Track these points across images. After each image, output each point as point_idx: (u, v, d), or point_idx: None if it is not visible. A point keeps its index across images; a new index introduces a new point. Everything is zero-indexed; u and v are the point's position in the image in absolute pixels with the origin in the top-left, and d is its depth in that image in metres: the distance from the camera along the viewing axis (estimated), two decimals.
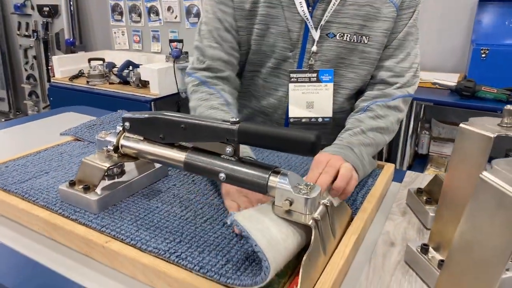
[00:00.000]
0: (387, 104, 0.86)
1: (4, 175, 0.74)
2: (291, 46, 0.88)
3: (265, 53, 0.91)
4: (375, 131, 0.82)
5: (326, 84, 0.89)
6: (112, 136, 0.66)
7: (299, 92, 0.90)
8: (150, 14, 3.22)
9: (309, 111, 0.91)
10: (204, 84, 0.88)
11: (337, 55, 0.88)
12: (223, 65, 0.90)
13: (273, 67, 0.92)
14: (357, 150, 0.75)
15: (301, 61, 0.89)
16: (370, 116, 0.84)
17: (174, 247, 0.55)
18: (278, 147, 0.52)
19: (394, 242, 0.62)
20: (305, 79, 0.89)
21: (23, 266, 0.57)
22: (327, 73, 0.88)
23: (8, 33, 4.03)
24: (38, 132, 1.12)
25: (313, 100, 0.90)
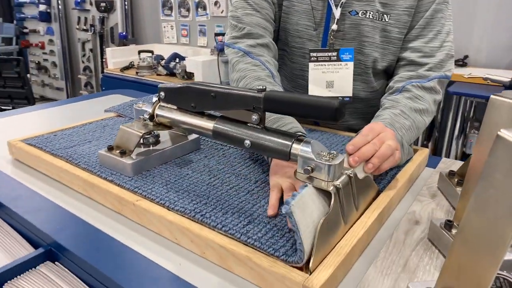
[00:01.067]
0: (422, 85, 0.82)
1: (53, 142, 0.81)
2: (315, 25, 0.88)
3: (289, 31, 0.91)
4: (416, 113, 0.79)
5: (346, 63, 0.88)
6: (148, 106, 0.70)
7: (319, 71, 0.89)
8: (198, 8, 3.32)
9: (329, 90, 0.90)
10: (248, 55, 0.85)
11: (359, 33, 0.86)
12: (262, 31, 0.88)
13: (298, 46, 0.92)
14: (398, 135, 0.71)
15: (324, 40, 0.89)
16: (407, 97, 0.81)
17: (200, 207, 0.58)
18: (303, 114, 0.53)
19: (419, 221, 0.60)
20: (325, 58, 0.88)
21: (64, 219, 0.62)
22: (348, 52, 0.87)
23: (69, 28, 4.33)
24: (87, 109, 1.21)
25: (333, 79, 0.89)
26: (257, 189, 0.64)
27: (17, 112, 1.19)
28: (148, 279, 0.49)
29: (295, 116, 0.56)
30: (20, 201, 0.66)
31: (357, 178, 0.56)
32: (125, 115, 1.02)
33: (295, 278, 0.45)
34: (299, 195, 0.47)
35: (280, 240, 0.51)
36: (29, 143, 0.80)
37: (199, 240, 0.53)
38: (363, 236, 0.53)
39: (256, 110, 0.56)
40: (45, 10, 4.29)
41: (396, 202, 0.66)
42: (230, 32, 0.91)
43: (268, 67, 0.84)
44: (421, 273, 0.49)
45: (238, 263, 0.49)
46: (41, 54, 4.57)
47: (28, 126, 1.06)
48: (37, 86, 4.71)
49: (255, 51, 0.86)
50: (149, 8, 3.70)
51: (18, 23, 4.62)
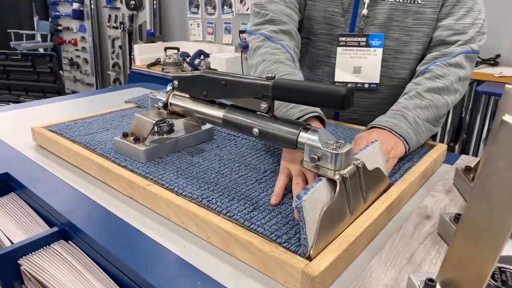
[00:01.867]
0: (447, 62, 0.80)
1: (73, 129, 0.84)
2: (343, 11, 0.87)
3: (316, 18, 0.90)
4: (433, 92, 0.77)
5: (375, 49, 0.87)
6: (163, 95, 0.72)
7: (347, 56, 0.89)
8: (223, 6, 3.34)
9: (356, 76, 0.89)
10: (269, 40, 0.84)
11: (389, 17, 0.85)
12: (286, 18, 0.87)
13: (325, 33, 0.91)
14: (411, 116, 0.73)
15: (352, 26, 0.88)
16: (427, 78, 0.80)
17: (207, 193, 0.58)
18: (311, 101, 0.53)
19: (430, 216, 0.59)
20: (354, 43, 0.88)
21: (79, 201, 0.64)
22: (377, 38, 0.86)
23: (100, 25, 4.47)
24: (110, 101, 1.25)
25: (360, 65, 0.88)
26: (265, 178, 0.64)
27: (46, 102, 1.24)
28: (154, 260, 0.50)
29: (304, 104, 0.56)
30: (40, 183, 0.69)
31: (366, 169, 0.55)
32: (144, 106, 1.05)
33: (295, 264, 0.44)
34: (312, 189, 0.47)
35: (283, 227, 0.51)
36: (51, 130, 0.84)
37: (204, 225, 0.53)
38: (369, 227, 0.52)
39: (265, 98, 0.57)
40: (78, 8, 4.45)
41: (407, 196, 0.65)
42: (252, 19, 0.90)
43: (289, 51, 0.83)
44: (426, 266, 0.48)
45: (240, 248, 0.50)
46: (73, 50, 4.74)
47: (53, 114, 1.10)
48: (69, 82, 4.89)
49: (276, 36, 0.85)
50: (177, 6, 3.76)
51: (53, 21, 4.82)
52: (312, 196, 0.46)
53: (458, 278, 0.36)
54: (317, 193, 0.47)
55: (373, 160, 0.59)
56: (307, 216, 0.45)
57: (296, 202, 0.45)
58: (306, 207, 0.45)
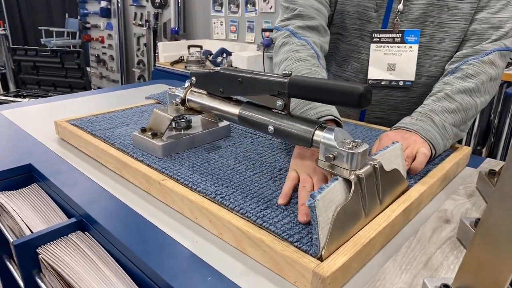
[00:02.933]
0: (480, 61, 0.76)
1: (94, 124, 0.86)
2: (376, 6, 0.85)
3: (349, 13, 0.89)
4: (463, 94, 0.73)
5: (410, 46, 0.84)
6: (181, 91, 0.72)
7: (381, 53, 0.86)
8: (247, 5, 3.35)
9: (390, 73, 0.87)
10: (295, 36, 0.82)
11: (425, 13, 0.82)
12: (315, 13, 0.85)
13: (357, 28, 0.89)
14: (438, 119, 0.70)
15: (386, 21, 0.86)
16: (457, 77, 0.76)
17: (221, 190, 0.58)
18: (327, 99, 0.52)
19: (450, 220, 0.57)
20: (389, 39, 0.85)
21: (97, 193, 0.66)
22: (413, 34, 0.83)
23: (126, 23, 4.56)
24: (131, 96, 1.27)
25: (395, 62, 0.86)
26: (279, 177, 0.63)
27: (71, 96, 1.27)
28: (166, 254, 0.51)
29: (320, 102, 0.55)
30: (60, 175, 0.71)
31: (383, 170, 0.54)
32: (164, 102, 1.06)
33: (306, 263, 0.44)
34: (327, 189, 0.46)
35: (295, 227, 0.50)
36: (72, 124, 0.86)
37: (217, 221, 0.53)
38: (385, 229, 0.51)
39: (281, 96, 0.56)
40: (105, 6, 4.55)
41: (427, 199, 0.63)
42: (281, 15, 0.89)
43: (314, 48, 0.81)
44: (443, 272, 0.46)
45: (252, 246, 0.49)
46: (100, 47, 4.85)
47: (78, 109, 1.13)
48: (96, 78, 5.01)
49: (302, 32, 0.83)
50: (201, 4, 3.79)
51: (82, 19, 4.95)
52: (326, 196, 0.46)
53: (475, 284, 0.35)
54: (332, 193, 0.47)
55: (393, 161, 0.58)
56: (320, 216, 0.44)
57: (310, 201, 0.44)
58: (319, 206, 0.44)
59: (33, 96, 3.32)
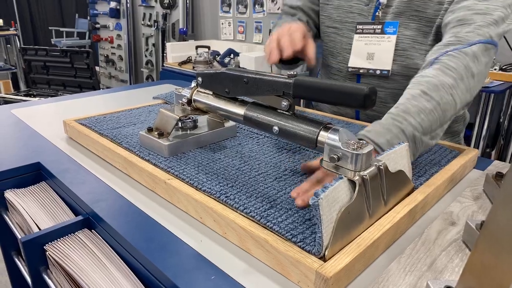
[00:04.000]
0: (462, 51, 0.69)
1: (102, 123, 0.87)
2: (367, 0, 0.90)
3: (343, 8, 0.94)
4: (441, 90, 0.65)
5: (389, 36, 0.87)
6: (187, 91, 0.73)
7: (362, 43, 0.91)
8: (255, 5, 3.35)
9: (369, 62, 0.91)
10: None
11: (409, 7, 0.84)
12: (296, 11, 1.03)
13: (351, 21, 0.94)
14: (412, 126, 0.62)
15: (374, 14, 0.90)
16: (436, 69, 0.68)
17: (225, 189, 0.59)
18: (332, 100, 0.52)
19: (456, 222, 0.56)
20: (370, 30, 0.90)
21: (103, 192, 0.66)
22: (392, 25, 0.87)
23: (135, 24, 4.59)
24: (138, 96, 1.28)
25: (374, 51, 0.90)
26: (284, 177, 0.64)
27: (80, 96, 1.29)
28: (171, 252, 0.51)
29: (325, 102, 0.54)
30: (68, 174, 0.72)
31: (388, 171, 0.53)
32: (171, 102, 1.07)
33: (309, 264, 0.44)
34: (330, 188, 0.46)
35: (299, 227, 0.50)
36: (81, 123, 0.87)
37: (221, 220, 0.54)
38: (389, 231, 0.51)
39: (286, 96, 0.56)
40: (115, 7, 4.59)
41: (432, 201, 0.62)
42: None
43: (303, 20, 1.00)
44: (448, 274, 0.46)
45: (256, 245, 0.50)
46: (109, 48, 4.90)
47: (87, 108, 1.14)
48: (105, 78, 5.06)
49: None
50: (209, 5, 3.81)
51: (92, 19, 5.00)
52: (330, 195, 0.46)
53: (479, 287, 0.35)
54: (336, 192, 0.47)
55: (398, 162, 0.58)
56: (323, 214, 0.44)
57: (313, 199, 0.44)
58: (323, 205, 0.44)
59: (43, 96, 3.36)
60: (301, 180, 0.63)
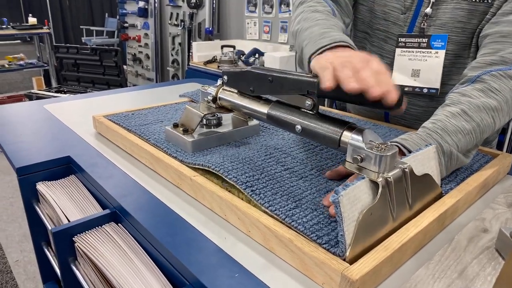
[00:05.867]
0: (506, 74, 0.66)
1: (129, 119, 0.89)
2: (404, 8, 0.82)
3: (376, 13, 0.86)
4: (483, 112, 0.63)
5: (436, 51, 0.79)
6: (212, 89, 0.73)
7: (406, 58, 0.83)
8: (281, 5, 3.34)
9: (414, 79, 0.83)
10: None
11: (453, 18, 0.77)
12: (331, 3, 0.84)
13: (382, 29, 0.87)
14: (450, 144, 0.60)
15: (412, 25, 0.82)
16: (479, 89, 0.66)
17: (252, 182, 0.59)
18: (356, 100, 0.51)
19: (488, 229, 0.54)
20: (414, 44, 0.81)
21: (130, 187, 0.68)
22: (440, 39, 0.79)
23: (162, 23, 4.67)
24: (165, 94, 1.30)
25: (419, 68, 0.82)
26: (311, 176, 0.63)
27: (109, 93, 1.32)
28: (195, 248, 0.52)
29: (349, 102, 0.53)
30: (96, 168, 0.74)
31: (413, 174, 0.52)
32: (197, 100, 1.08)
33: (334, 265, 0.43)
34: (352, 186, 0.45)
35: (325, 228, 0.50)
36: (109, 119, 0.89)
37: (246, 218, 0.54)
38: (417, 236, 0.49)
39: (310, 95, 0.56)
40: (143, 6, 4.68)
41: (463, 206, 0.60)
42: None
43: (330, 4, 0.81)
44: (479, 283, 0.44)
45: (280, 245, 0.49)
46: (137, 46, 5.00)
47: (115, 105, 1.17)
48: (132, 76, 5.16)
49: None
50: (235, 4, 3.82)
51: (121, 18, 5.12)
52: (351, 193, 0.45)
53: None
54: (357, 191, 0.46)
55: (425, 164, 0.56)
56: (344, 212, 0.44)
57: (333, 196, 0.43)
58: (343, 202, 0.44)
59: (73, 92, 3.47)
60: (326, 180, 0.62)
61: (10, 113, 1.09)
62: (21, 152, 0.81)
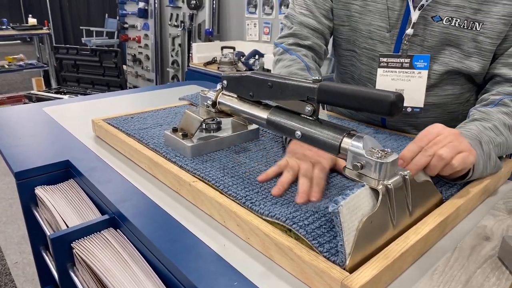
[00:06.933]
0: None
1: (129, 123, 0.89)
2: (389, 26, 0.81)
3: (361, 32, 0.86)
4: (509, 130, 0.69)
5: (420, 71, 0.79)
6: (212, 93, 0.73)
7: (388, 78, 0.82)
8: (281, 6, 3.34)
9: None
10: (287, 52, 0.88)
11: (440, 41, 0.78)
12: (310, 32, 0.89)
13: (369, 48, 0.86)
14: (486, 146, 0.64)
15: (398, 44, 0.81)
16: (503, 112, 0.71)
17: (251, 195, 0.58)
18: (357, 106, 0.50)
19: (490, 237, 0.54)
20: (397, 64, 0.81)
21: (129, 192, 0.67)
22: (422, 59, 0.79)
23: (162, 24, 4.67)
24: (164, 96, 1.30)
25: (403, 87, 0.82)
26: None
27: (109, 95, 1.32)
28: (194, 255, 0.51)
29: (350, 109, 0.53)
30: (95, 172, 0.73)
31: (414, 181, 0.52)
32: (196, 104, 1.07)
33: (334, 274, 0.43)
34: (351, 195, 0.45)
35: (327, 234, 0.49)
36: (108, 123, 0.88)
37: (245, 225, 0.53)
38: (417, 243, 0.49)
39: (310, 101, 0.55)
40: (143, 7, 4.68)
41: (464, 213, 0.60)
42: (281, 31, 0.95)
43: (304, 60, 0.85)
44: None
45: (279, 253, 0.49)
46: (137, 47, 5.00)
47: (114, 107, 1.17)
48: (131, 77, 5.16)
49: (294, 48, 0.88)
50: (235, 5, 3.82)
51: (120, 19, 5.12)
52: (351, 202, 0.45)
53: None
54: (357, 200, 0.45)
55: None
56: (344, 222, 0.43)
57: (333, 207, 0.43)
58: (343, 212, 0.43)
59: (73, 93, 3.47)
60: (327, 188, 0.62)
61: (10, 116, 1.08)
62: (19, 156, 0.81)
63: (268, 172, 0.64)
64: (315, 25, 0.89)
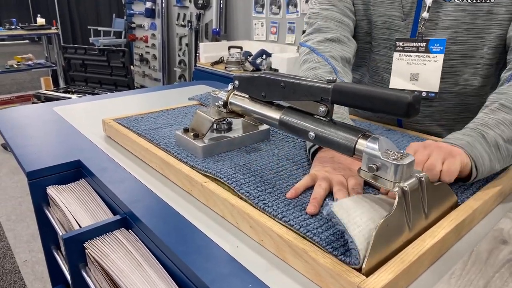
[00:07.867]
0: None
1: (139, 123, 0.89)
2: (404, 15, 0.82)
3: (376, 23, 0.87)
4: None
5: (435, 55, 0.80)
6: (223, 94, 0.72)
7: (404, 62, 0.83)
8: (289, 6, 3.33)
9: (413, 83, 0.83)
10: (314, 52, 0.86)
11: (456, 19, 0.78)
12: (336, 25, 0.87)
13: (385, 38, 0.87)
14: (492, 135, 0.61)
15: (414, 30, 0.82)
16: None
17: (263, 195, 0.58)
18: (372, 107, 0.50)
19: (507, 241, 0.53)
20: (412, 48, 0.82)
21: (141, 192, 0.67)
22: (438, 43, 0.79)
23: (169, 23, 4.68)
24: (173, 96, 1.30)
25: (418, 72, 0.82)
26: None
27: (117, 95, 1.32)
28: (205, 256, 0.51)
29: (365, 110, 0.53)
30: (106, 172, 0.73)
31: (430, 183, 0.51)
32: (206, 104, 1.07)
33: (350, 278, 0.42)
34: (339, 200, 0.47)
35: (340, 239, 0.48)
36: (119, 123, 0.89)
37: (258, 227, 0.53)
38: (434, 247, 0.48)
39: (324, 102, 0.55)
40: (150, 7, 4.70)
41: (480, 216, 0.59)
42: (305, 31, 0.92)
43: (331, 63, 0.82)
44: None
45: (293, 255, 0.48)
46: (144, 47, 5.02)
47: (123, 107, 1.17)
48: (139, 76, 5.19)
49: (321, 48, 0.85)
50: (242, 5, 3.82)
51: (128, 19, 5.14)
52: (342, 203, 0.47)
53: None
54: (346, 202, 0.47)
55: None
56: (343, 218, 0.44)
57: (326, 209, 0.46)
58: (337, 211, 0.45)
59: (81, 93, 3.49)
60: None
61: (20, 116, 1.09)
62: (31, 156, 0.81)
63: (297, 186, 0.59)
64: (340, 17, 0.87)
